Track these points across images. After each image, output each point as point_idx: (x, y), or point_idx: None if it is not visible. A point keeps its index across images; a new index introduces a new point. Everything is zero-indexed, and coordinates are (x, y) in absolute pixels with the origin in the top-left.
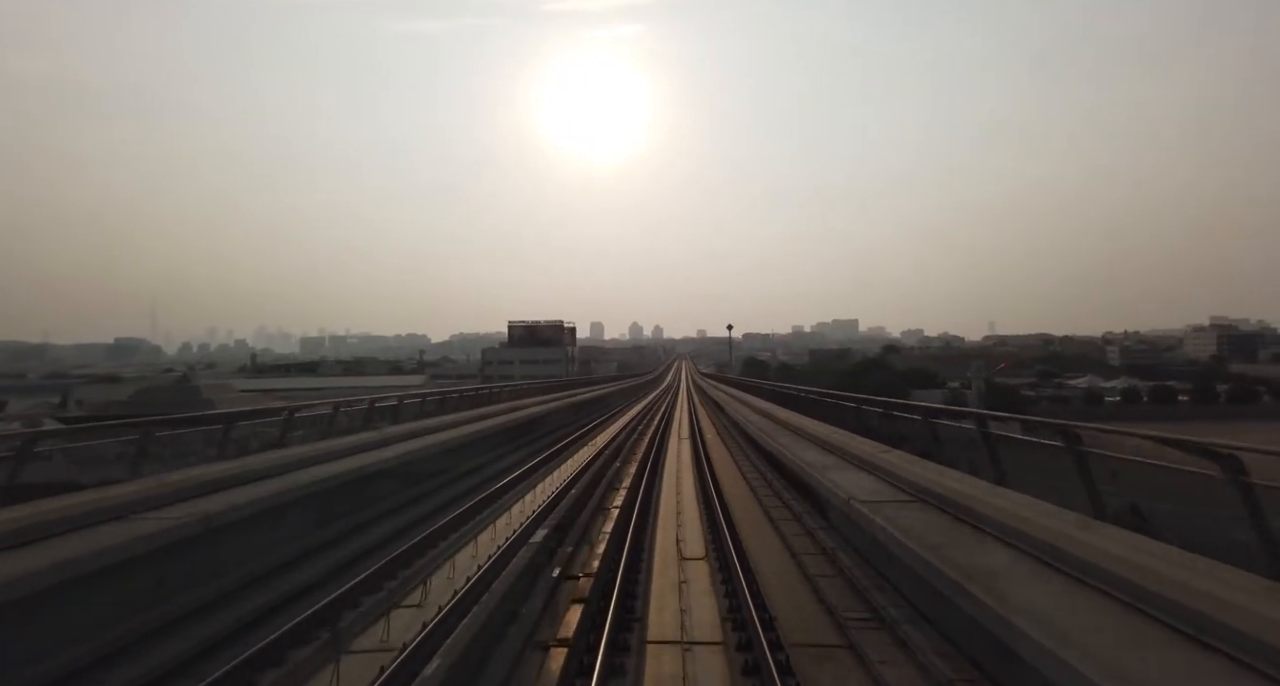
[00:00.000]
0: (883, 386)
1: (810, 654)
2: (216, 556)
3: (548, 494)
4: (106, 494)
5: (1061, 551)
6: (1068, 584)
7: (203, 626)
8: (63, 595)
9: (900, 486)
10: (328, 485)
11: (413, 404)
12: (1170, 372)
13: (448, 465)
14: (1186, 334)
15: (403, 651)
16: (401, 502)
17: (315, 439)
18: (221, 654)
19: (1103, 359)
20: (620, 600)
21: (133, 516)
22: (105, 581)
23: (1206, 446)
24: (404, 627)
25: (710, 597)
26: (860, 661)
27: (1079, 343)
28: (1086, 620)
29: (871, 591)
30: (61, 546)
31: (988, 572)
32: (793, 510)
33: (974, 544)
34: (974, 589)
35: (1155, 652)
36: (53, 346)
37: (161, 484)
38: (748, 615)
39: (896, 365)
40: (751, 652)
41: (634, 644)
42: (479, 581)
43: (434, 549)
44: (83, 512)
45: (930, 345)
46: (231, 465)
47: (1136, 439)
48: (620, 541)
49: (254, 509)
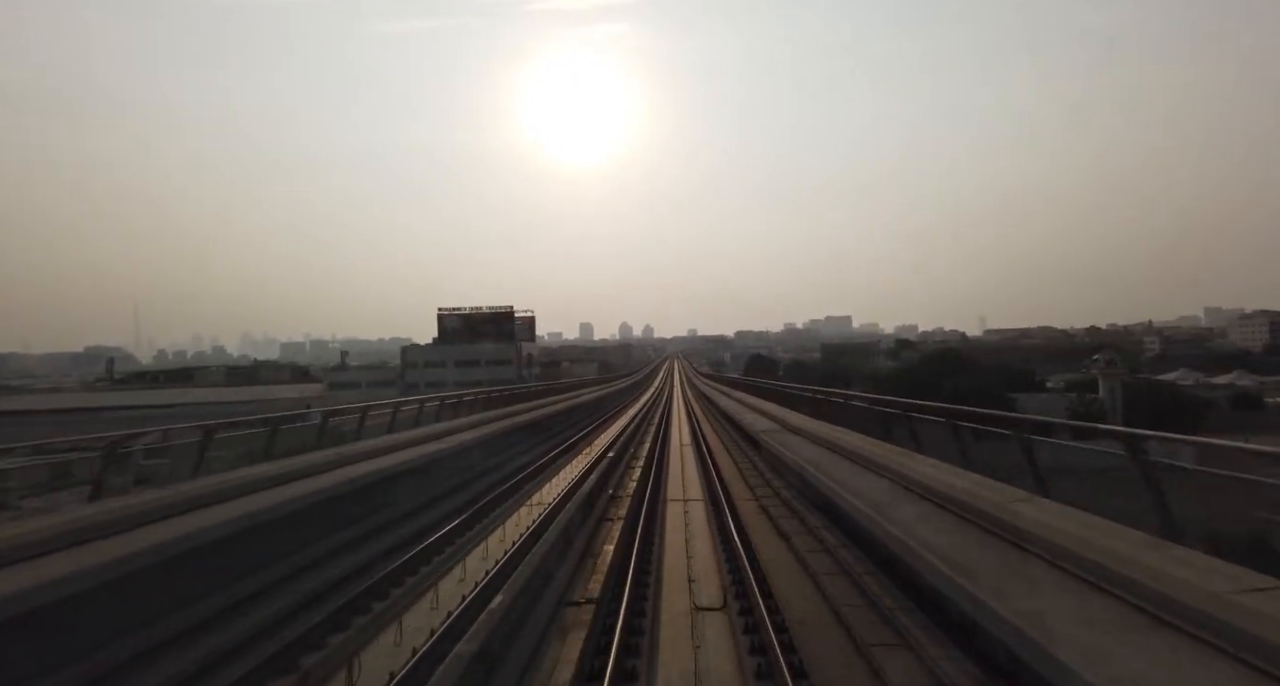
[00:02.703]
0: (972, 391)
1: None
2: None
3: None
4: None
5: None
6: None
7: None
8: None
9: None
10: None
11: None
12: (1235, 362)
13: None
14: (1231, 323)
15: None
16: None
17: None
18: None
19: (1138, 351)
20: None
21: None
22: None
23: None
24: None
25: None
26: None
27: (1107, 334)
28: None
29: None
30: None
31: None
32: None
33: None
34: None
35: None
36: (20, 356)
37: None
38: None
39: (914, 360)
40: None
41: None
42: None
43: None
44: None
45: (945, 340)
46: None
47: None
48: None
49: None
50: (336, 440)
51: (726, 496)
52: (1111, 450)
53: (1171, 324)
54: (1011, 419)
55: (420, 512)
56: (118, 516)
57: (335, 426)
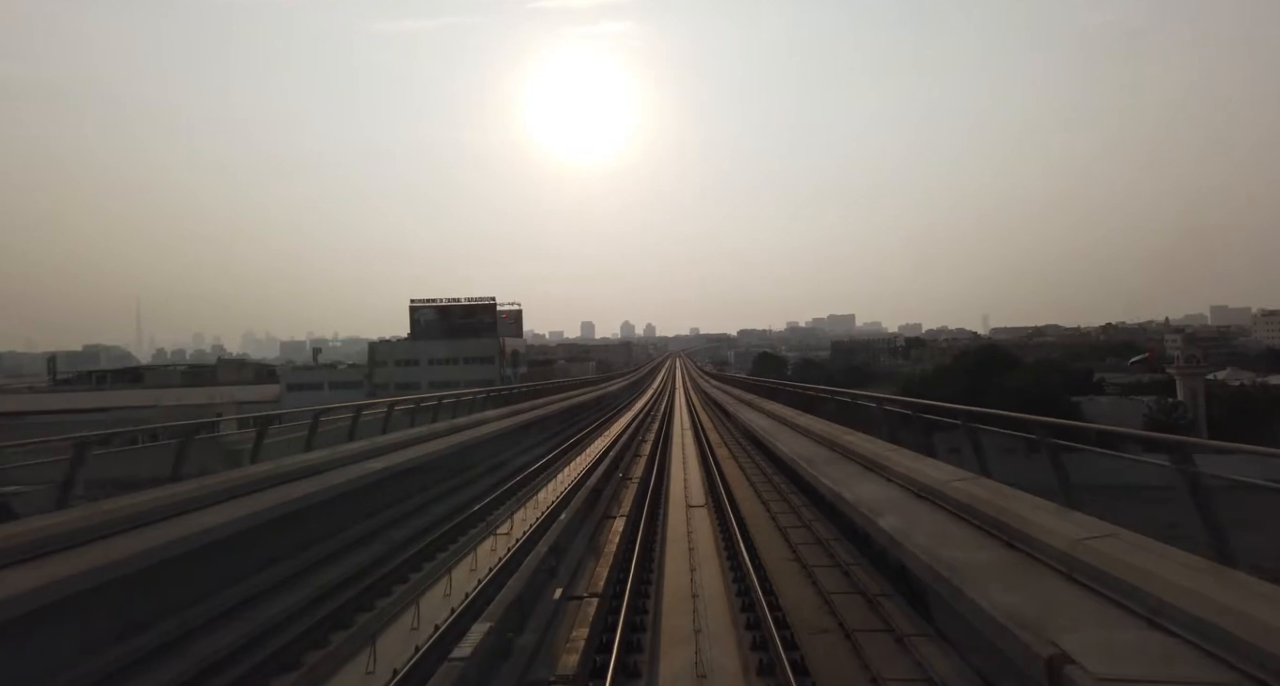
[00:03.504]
0: (1034, 395)
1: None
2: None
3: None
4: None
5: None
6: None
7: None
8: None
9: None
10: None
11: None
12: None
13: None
14: (1255, 320)
15: None
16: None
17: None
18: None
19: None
20: None
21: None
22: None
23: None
24: None
25: None
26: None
27: (1124, 331)
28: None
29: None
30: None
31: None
32: None
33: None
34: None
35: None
36: (17, 354)
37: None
38: None
39: (927, 361)
40: None
41: None
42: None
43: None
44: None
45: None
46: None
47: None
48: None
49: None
50: (229, 461)
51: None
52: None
53: (1178, 323)
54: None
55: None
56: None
57: (233, 445)
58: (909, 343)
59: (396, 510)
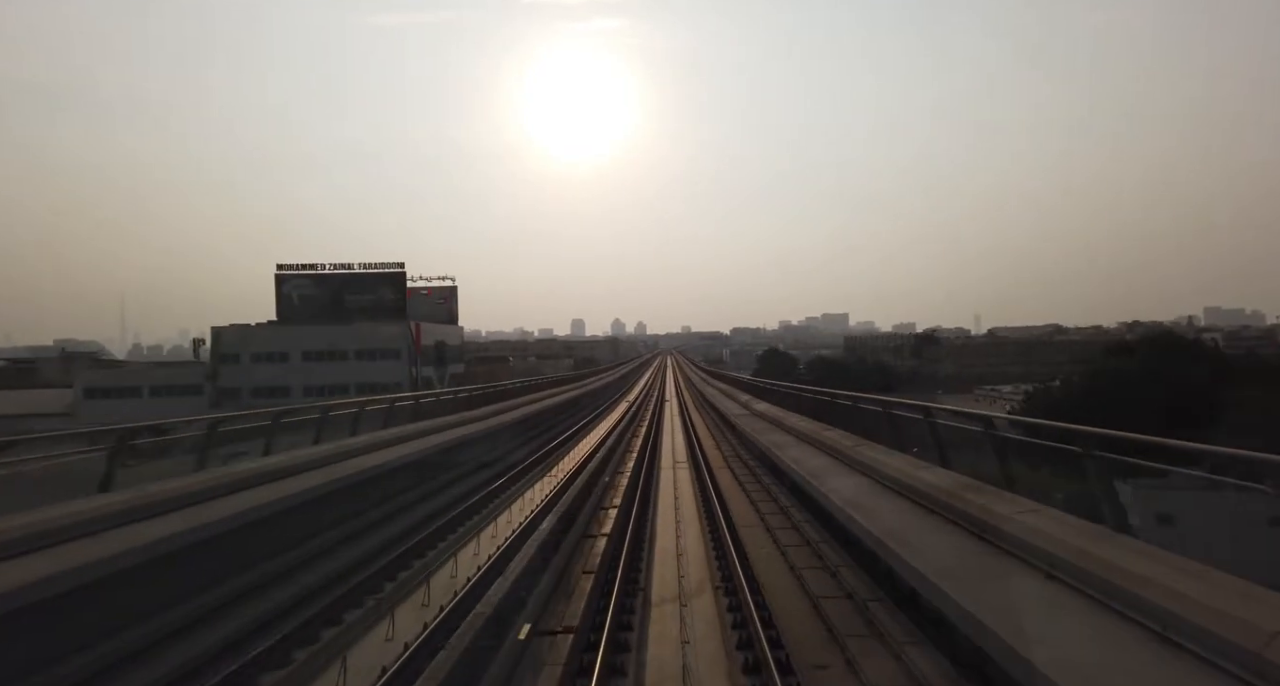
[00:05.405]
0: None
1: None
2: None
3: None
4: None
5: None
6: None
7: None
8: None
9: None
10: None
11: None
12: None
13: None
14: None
15: None
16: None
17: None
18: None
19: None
20: None
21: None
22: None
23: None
24: None
25: None
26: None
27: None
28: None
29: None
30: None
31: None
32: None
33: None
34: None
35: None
36: None
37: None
38: None
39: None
40: None
41: None
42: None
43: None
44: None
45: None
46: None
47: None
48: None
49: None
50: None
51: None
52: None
53: (1171, 323)
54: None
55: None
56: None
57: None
58: (919, 340)
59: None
